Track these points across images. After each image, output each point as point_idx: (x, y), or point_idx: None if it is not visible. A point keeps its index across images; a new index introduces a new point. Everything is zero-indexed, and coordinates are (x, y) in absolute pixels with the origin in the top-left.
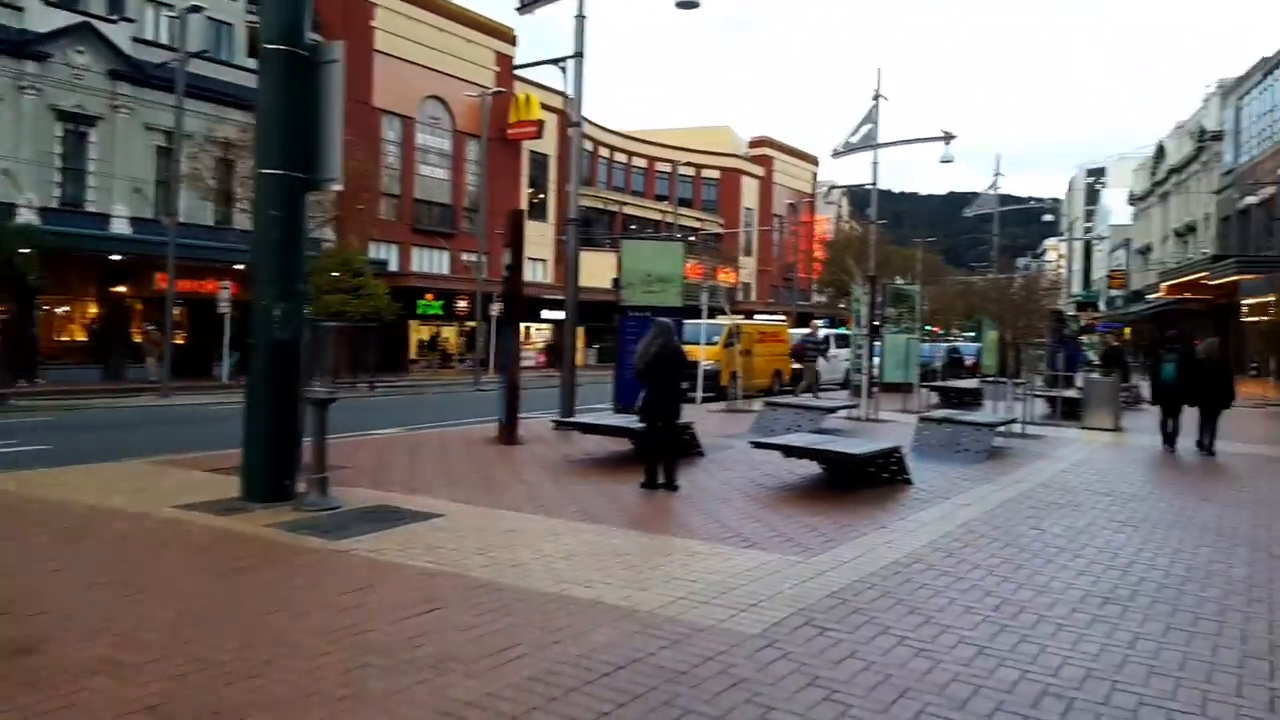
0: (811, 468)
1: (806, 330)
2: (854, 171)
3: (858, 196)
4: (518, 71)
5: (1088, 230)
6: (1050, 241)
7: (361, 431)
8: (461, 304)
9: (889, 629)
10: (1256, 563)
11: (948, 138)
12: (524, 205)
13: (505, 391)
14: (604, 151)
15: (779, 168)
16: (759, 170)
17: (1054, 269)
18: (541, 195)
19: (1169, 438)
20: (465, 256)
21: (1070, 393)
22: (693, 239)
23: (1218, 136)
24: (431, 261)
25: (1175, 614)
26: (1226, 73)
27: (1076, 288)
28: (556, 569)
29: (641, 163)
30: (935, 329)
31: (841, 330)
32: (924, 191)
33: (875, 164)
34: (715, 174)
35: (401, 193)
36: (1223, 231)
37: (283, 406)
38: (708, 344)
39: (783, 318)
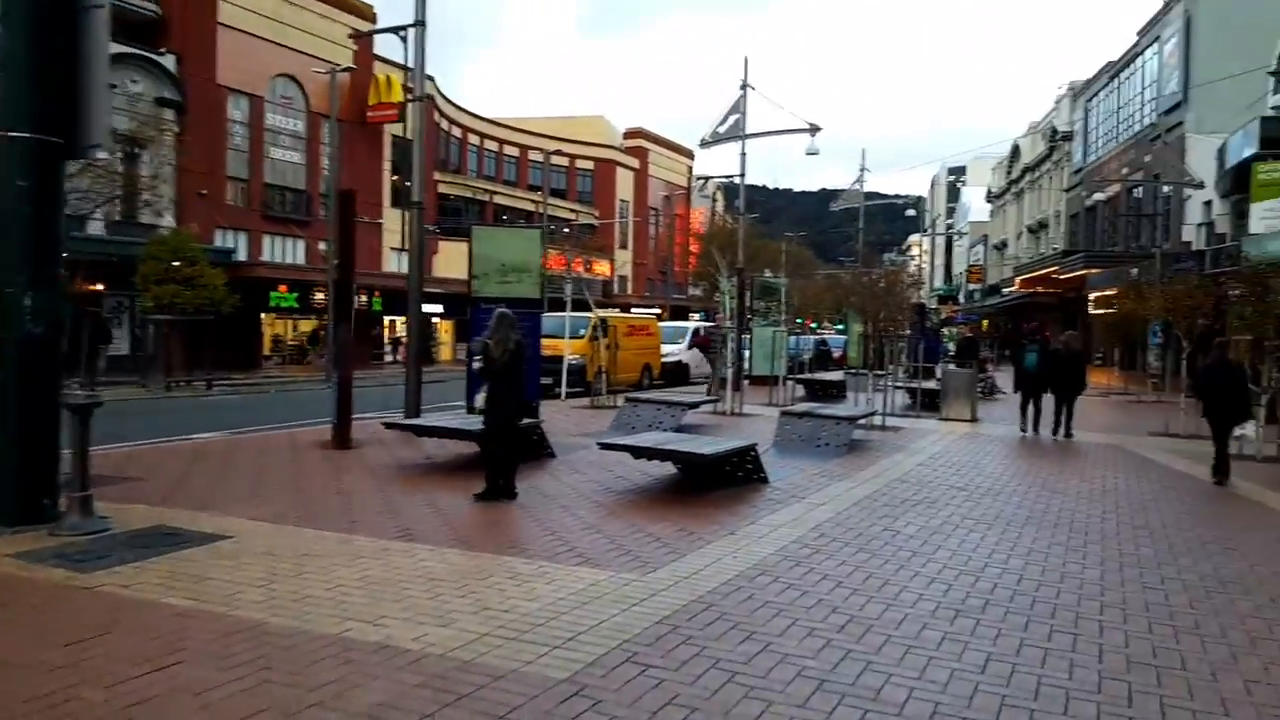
0: (667, 468)
1: (710, 323)
2: (729, 166)
3: (733, 191)
4: (374, 48)
5: (949, 227)
6: (914, 237)
7: (180, 436)
8: (319, 296)
9: (720, 661)
10: (1108, 562)
11: (813, 129)
12: (386, 192)
13: (336, 390)
14: (473, 139)
15: (654, 160)
16: (634, 162)
17: (915, 264)
18: (407, 182)
19: (1030, 423)
20: (322, 246)
21: (930, 384)
22: (566, 230)
23: (1068, 136)
24: (285, 251)
25: (1029, 627)
26: (1078, 75)
27: (939, 282)
28: (347, 603)
29: (514, 151)
30: (806, 322)
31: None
32: (798, 189)
33: (743, 155)
34: (589, 165)
35: (250, 177)
36: (1072, 228)
37: (36, 412)
38: (573, 337)
39: (658, 311)
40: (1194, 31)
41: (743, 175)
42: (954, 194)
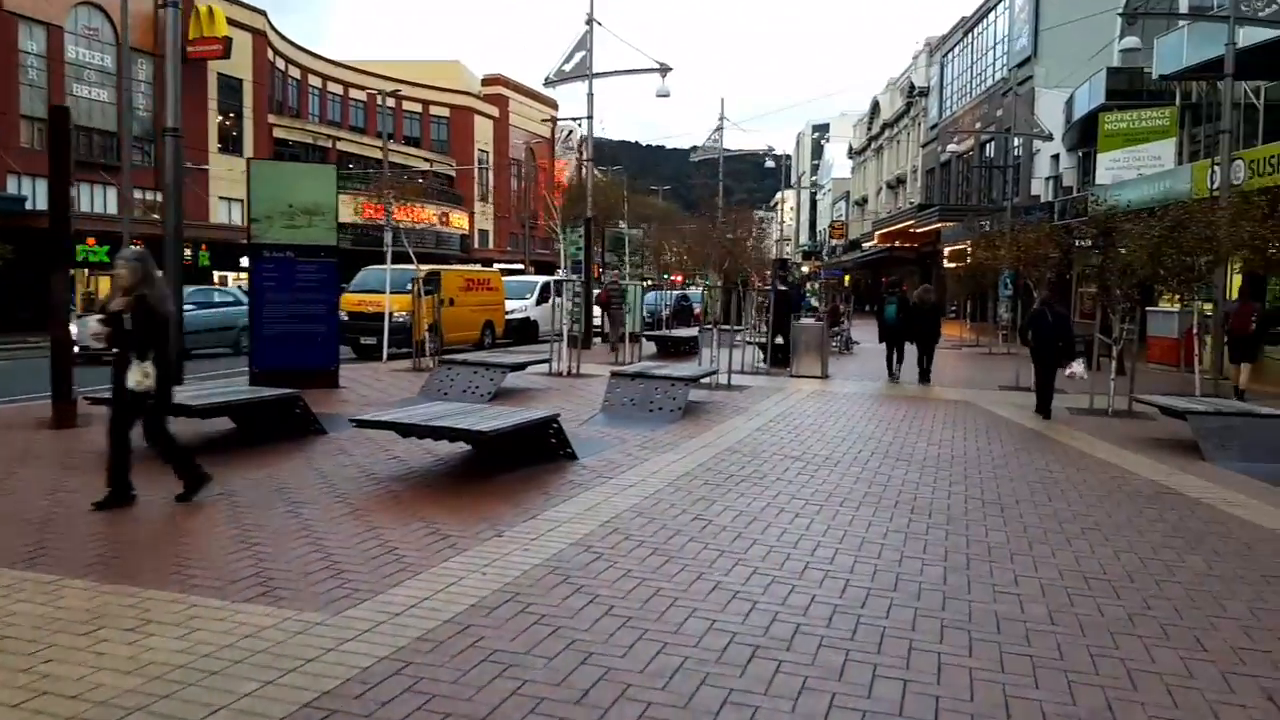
0: (458, 445)
1: (609, 279)
2: (598, 116)
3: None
4: None
5: (814, 183)
6: (782, 194)
7: None
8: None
9: None
10: (953, 556)
11: (664, 70)
12: (213, 135)
13: (52, 356)
14: (315, 80)
15: (515, 109)
16: (493, 111)
17: (762, 215)
18: (236, 130)
19: (893, 367)
20: (140, 194)
21: (781, 340)
22: (420, 180)
23: (924, 92)
24: (95, 199)
25: (847, 669)
26: (937, 31)
27: (804, 238)
28: None
29: (360, 96)
30: (676, 278)
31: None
32: (670, 146)
33: (590, 95)
34: (445, 112)
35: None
36: (928, 183)
37: None
38: (396, 292)
39: (520, 266)
40: None
41: (590, 118)
42: (819, 151)
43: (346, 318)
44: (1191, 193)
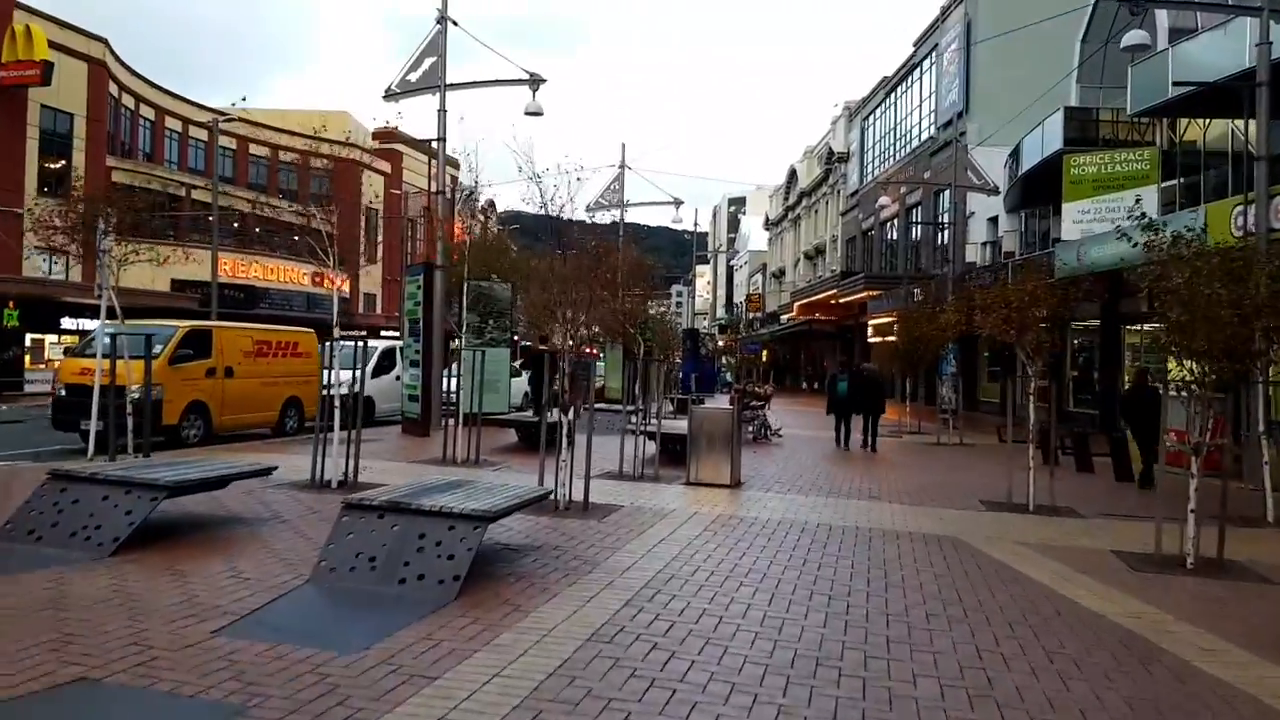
0: None
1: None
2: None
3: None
4: None
5: (730, 257)
6: (700, 268)
7: None
8: None
9: None
10: None
11: (535, 82)
12: (32, 172)
13: None
14: (173, 124)
15: (411, 165)
16: (384, 166)
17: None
18: (64, 162)
19: (842, 439)
20: None
21: (678, 425)
22: (295, 237)
23: (844, 158)
24: None
25: None
26: (855, 95)
27: (721, 312)
28: None
29: (229, 143)
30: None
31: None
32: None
33: (442, 111)
34: (327, 164)
35: None
36: (849, 252)
37: None
38: (136, 358)
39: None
40: (975, 37)
41: (442, 140)
42: (735, 224)
43: (64, 393)
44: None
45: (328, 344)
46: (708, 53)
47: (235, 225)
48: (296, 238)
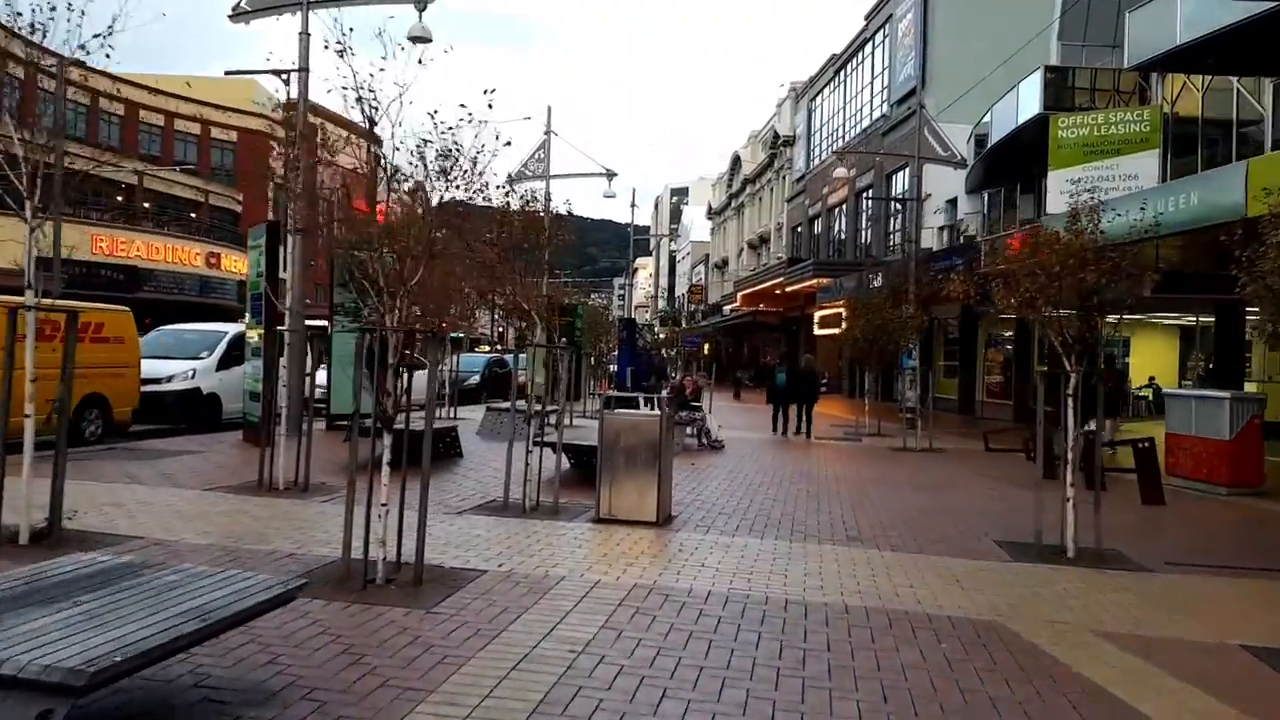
0: None
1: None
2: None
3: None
4: None
5: (672, 249)
6: (641, 260)
7: None
8: None
9: None
10: None
11: (423, 1)
12: None
13: None
14: (47, 82)
15: (330, 140)
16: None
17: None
18: None
19: (781, 427)
20: None
21: (588, 436)
22: (192, 214)
23: (789, 142)
24: None
25: None
26: (802, 75)
27: (663, 304)
28: None
29: (115, 108)
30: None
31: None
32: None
33: (304, 35)
34: (230, 136)
35: None
36: (794, 240)
37: None
38: None
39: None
40: (933, 3)
41: (304, 71)
42: (678, 215)
43: None
44: (1244, 209)
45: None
46: (653, 36)
47: (120, 199)
48: (194, 215)
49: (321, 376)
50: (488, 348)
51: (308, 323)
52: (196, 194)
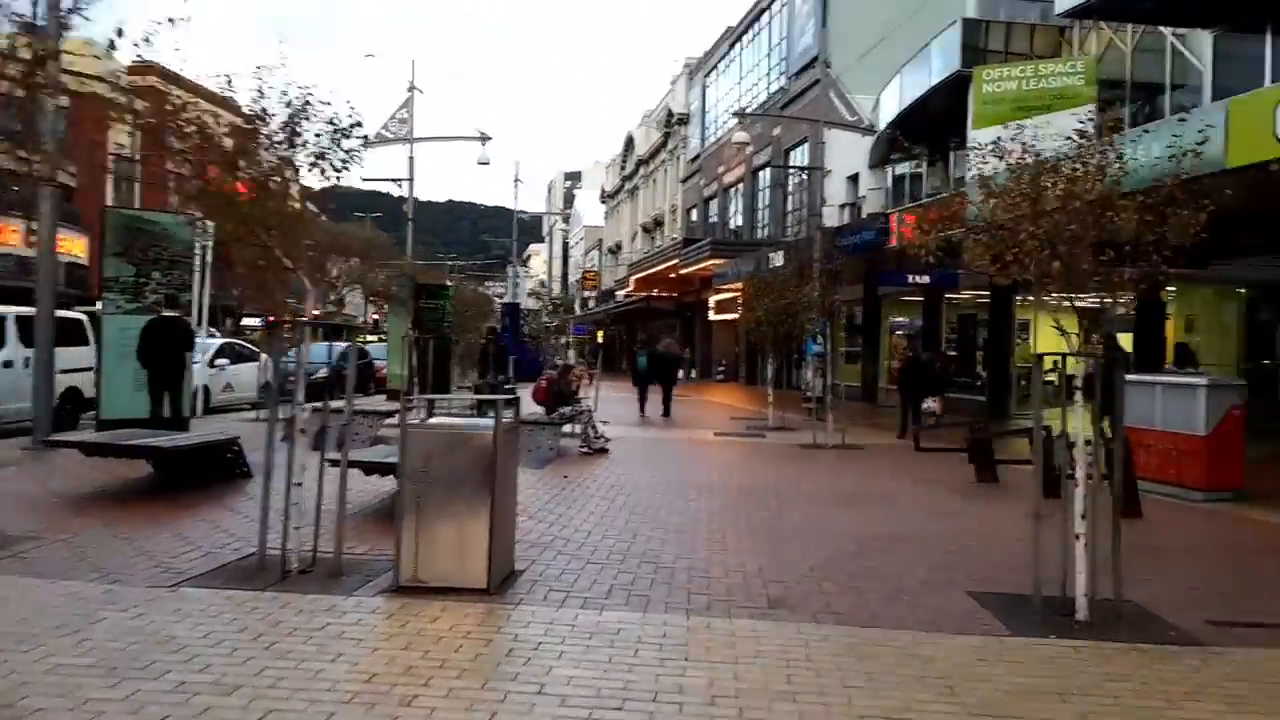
0: None
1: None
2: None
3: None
4: None
5: (565, 234)
6: (534, 247)
7: None
8: None
9: None
10: None
11: None
12: None
13: None
14: None
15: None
16: (143, 107)
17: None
18: None
19: (643, 407)
20: None
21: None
22: (15, 188)
23: (684, 120)
24: None
25: None
26: (697, 51)
27: (556, 290)
28: None
29: None
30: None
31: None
32: (425, 197)
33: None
34: (61, 101)
35: None
36: (689, 222)
37: None
38: None
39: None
40: None
41: (61, 12)
42: (571, 200)
43: None
44: (1225, 157)
45: None
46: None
47: None
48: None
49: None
50: (375, 337)
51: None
52: (18, 163)
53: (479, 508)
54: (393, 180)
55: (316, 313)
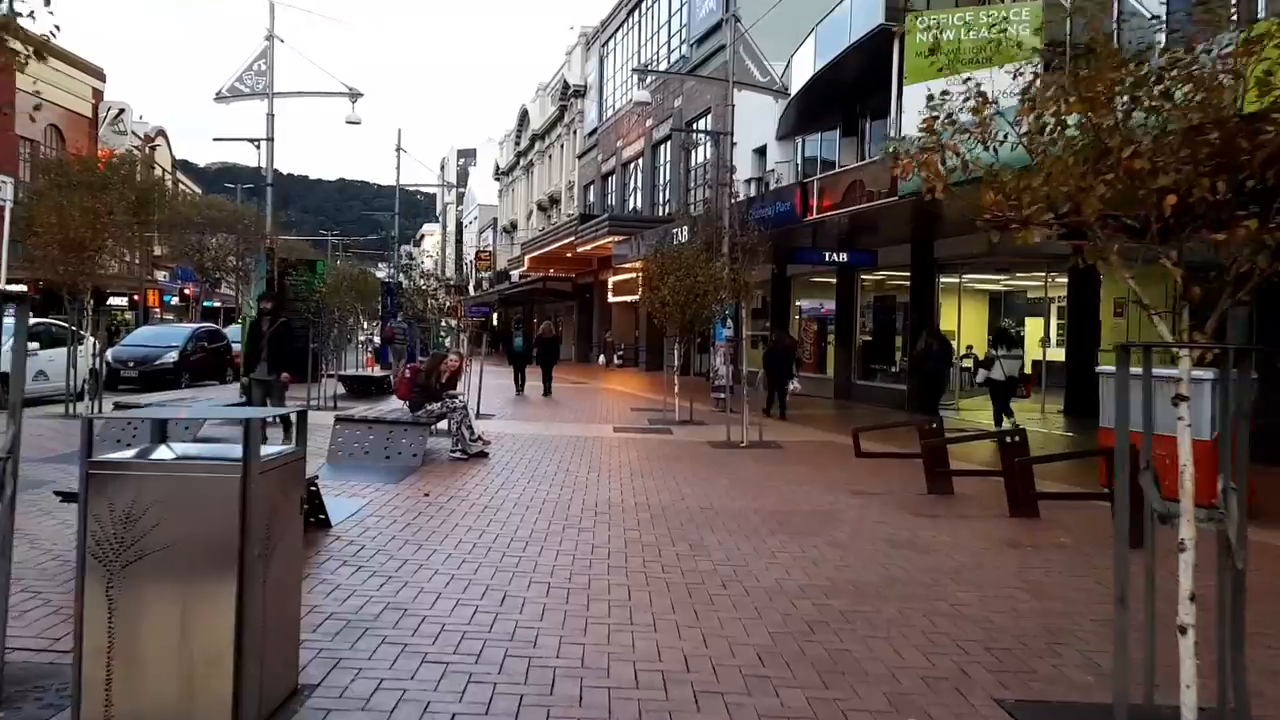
0: None
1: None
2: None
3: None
4: None
5: (459, 213)
6: (428, 227)
7: None
8: None
9: None
10: None
11: None
12: None
13: None
14: None
15: (38, 74)
16: None
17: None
18: None
19: (519, 385)
20: None
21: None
22: None
23: (580, 93)
24: None
25: None
26: (593, 20)
27: (450, 271)
28: None
29: None
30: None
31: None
32: (314, 176)
33: None
34: None
35: None
36: (586, 199)
37: None
38: None
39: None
40: None
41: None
42: (465, 178)
43: None
44: (1238, 104)
45: None
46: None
47: None
48: None
49: None
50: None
51: None
52: None
53: (218, 599)
54: (249, 140)
55: None
